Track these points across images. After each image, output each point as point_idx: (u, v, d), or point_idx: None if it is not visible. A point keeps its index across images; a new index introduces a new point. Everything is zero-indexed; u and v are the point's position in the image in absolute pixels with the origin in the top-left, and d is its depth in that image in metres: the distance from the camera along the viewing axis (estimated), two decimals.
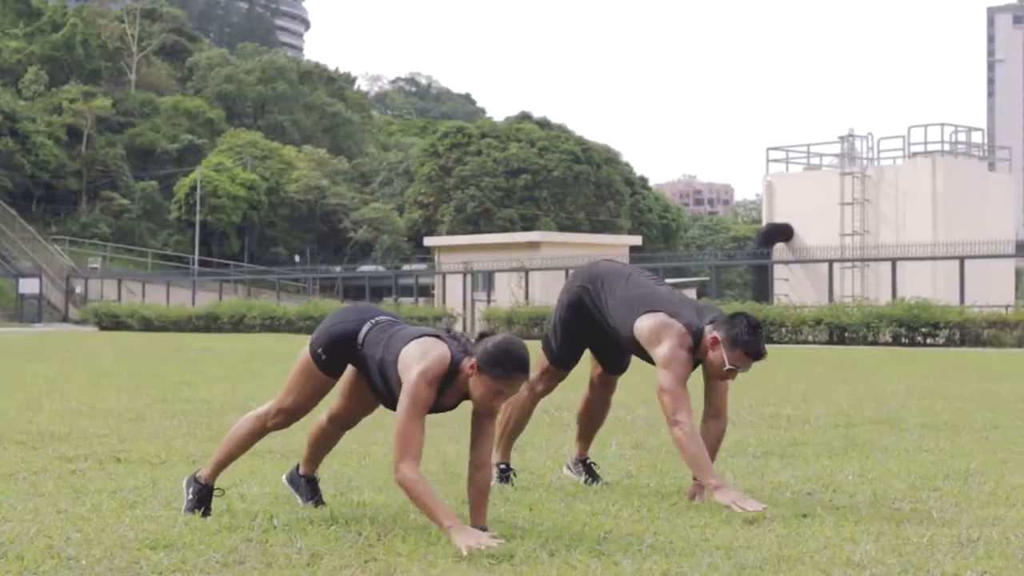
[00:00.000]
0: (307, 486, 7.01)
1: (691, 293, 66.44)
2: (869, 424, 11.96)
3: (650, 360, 7.44)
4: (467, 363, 5.94)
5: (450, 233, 79.77)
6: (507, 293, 56.50)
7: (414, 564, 5.48)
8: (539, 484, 7.92)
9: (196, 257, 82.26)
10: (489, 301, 57.16)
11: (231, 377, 19.19)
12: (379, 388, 6.31)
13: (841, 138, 58.55)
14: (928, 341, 43.04)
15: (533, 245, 60.60)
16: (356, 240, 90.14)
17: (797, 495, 7.59)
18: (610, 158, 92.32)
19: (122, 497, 7.21)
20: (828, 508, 7.07)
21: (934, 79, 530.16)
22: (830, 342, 43.72)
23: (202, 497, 6.68)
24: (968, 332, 42.22)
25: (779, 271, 56.55)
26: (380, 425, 9.29)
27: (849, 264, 54.14)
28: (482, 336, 6.04)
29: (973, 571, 5.36)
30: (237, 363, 24.13)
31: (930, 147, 56.84)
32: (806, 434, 11.11)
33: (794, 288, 56.28)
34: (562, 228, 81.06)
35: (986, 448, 10.09)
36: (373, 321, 6.35)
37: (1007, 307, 46.51)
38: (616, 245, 64.14)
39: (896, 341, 43.19)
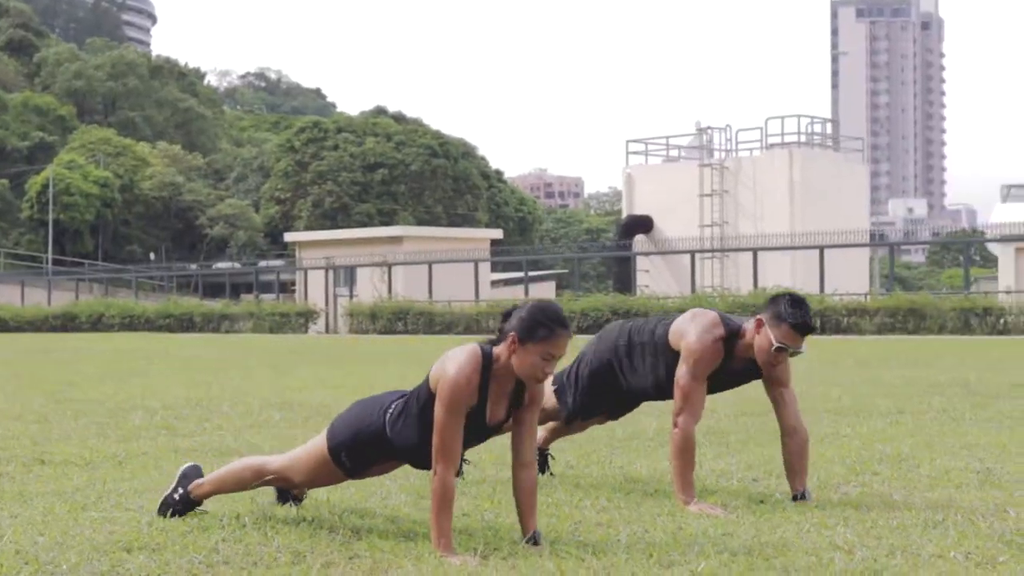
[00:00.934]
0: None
1: (550, 286, 66.76)
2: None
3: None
4: (506, 345, 5.68)
5: (308, 228, 79.19)
6: (370, 288, 56.28)
7: (403, 560, 5.42)
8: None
9: (50, 256, 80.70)
10: (352, 296, 56.87)
11: (112, 377, 18.87)
12: (424, 440, 5.84)
13: (699, 130, 59.24)
14: None
15: (395, 240, 60.41)
16: (212, 237, 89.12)
17: (743, 482, 7.65)
18: (467, 152, 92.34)
19: (70, 499, 7.04)
20: (781, 494, 7.14)
21: (784, 71, 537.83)
22: None
23: (185, 508, 6.43)
24: (829, 320, 42.96)
25: (640, 263, 57.04)
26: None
27: (709, 255, 54.78)
28: (506, 315, 5.81)
29: (957, 552, 5.44)
30: (112, 363, 23.75)
31: (787, 138, 57.71)
32: (720, 423, 11.20)
33: (655, 279, 56.82)
34: (420, 222, 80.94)
35: (903, 432, 10.26)
36: (393, 402, 5.99)
37: (865, 295, 47.42)
38: (478, 239, 64.17)
39: None
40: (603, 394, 7.45)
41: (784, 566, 5.19)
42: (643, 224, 59.12)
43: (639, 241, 58.73)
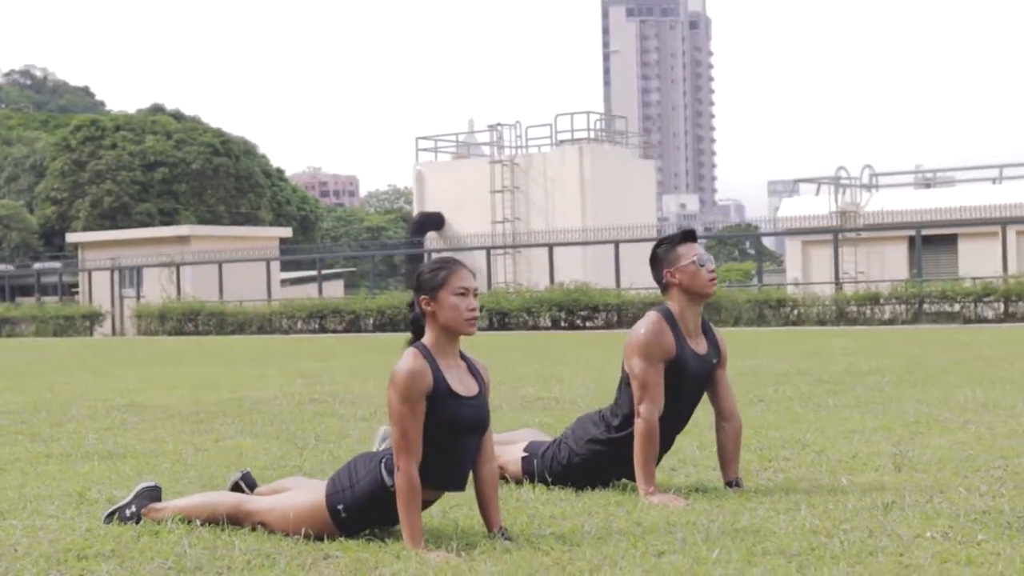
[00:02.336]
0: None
1: (339, 285, 66.30)
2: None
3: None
4: (427, 320, 5.65)
5: (87, 229, 77.22)
6: (158, 289, 55.18)
7: (385, 557, 5.24)
8: None
9: None
10: (139, 297, 55.71)
11: None
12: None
13: (490, 127, 59.45)
14: (587, 324, 44.17)
15: (183, 239, 59.32)
16: None
17: (662, 471, 7.61)
18: (248, 150, 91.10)
19: None
20: (712, 482, 7.13)
21: (558, 70, 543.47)
22: (491, 328, 44.35)
23: (136, 519, 6.09)
24: (626, 314, 43.52)
25: (427, 259, 56.99)
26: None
27: (501, 251, 55.01)
28: (411, 305, 5.79)
29: (933, 532, 5.46)
30: None
31: (577, 135, 58.26)
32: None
33: None
34: (203, 221, 79.64)
35: (784, 420, 10.37)
36: (383, 465, 5.70)
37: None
38: (267, 237, 63.44)
39: (556, 325, 44.20)
40: (588, 476, 7.14)
41: (780, 549, 5.15)
42: (434, 221, 59.13)
43: (431, 238, 58.72)
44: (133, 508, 6.10)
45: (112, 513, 6.12)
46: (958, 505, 6.11)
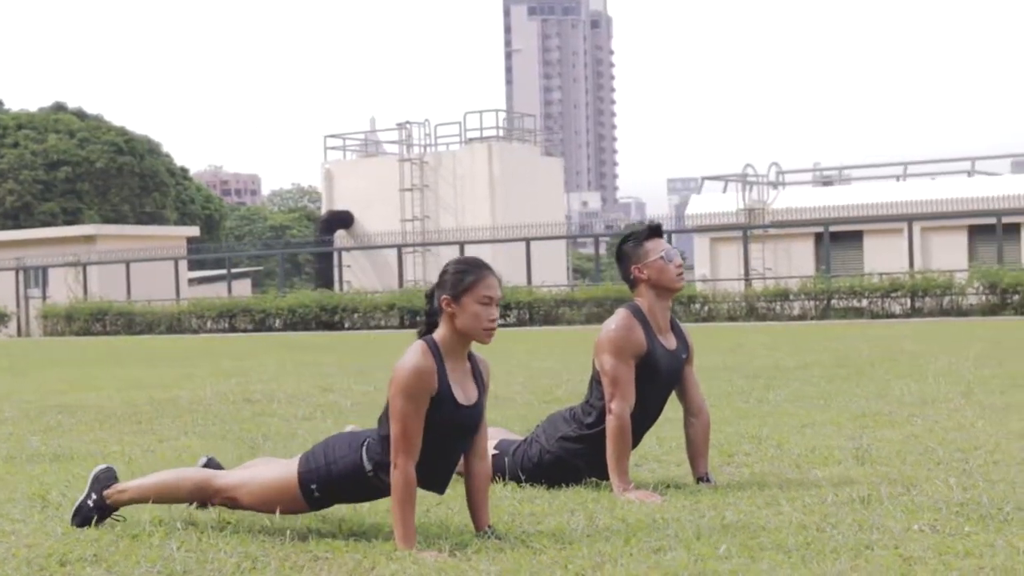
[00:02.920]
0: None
1: (246, 284, 65.80)
2: (577, 398, 12.13)
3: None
4: (443, 318, 5.51)
5: None
6: (64, 289, 54.44)
7: (376, 558, 5.19)
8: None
9: None
10: (45, 298, 54.94)
11: None
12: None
13: (399, 125, 59.26)
14: (500, 322, 44.16)
15: (89, 239, 58.53)
16: None
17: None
18: (152, 148, 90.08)
19: None
20: (678, 478, 7.14)
21: (461, 68, 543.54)
22: (402, 327, 44.26)
23: (100, 516, 5.95)
24: (538, 311, 43.62)
25: (343, 258, 56.77)
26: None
27: (411, 249, 54.87)
28: (429, 296, 5.63)
29: (920, 524, 5.50)
30: None
31: (485, 133, 58.25)
32: (534, 411, 11.19)
33: (356, 275, 56.67)
34: (107, 221, 78.64)
35: (736, 415, 10.41)
36: (369, 439, 5.66)
37: (573, 286, 48.30)
38: (174, 236, 62.80)
39: None
40: (560, 473, 7.09)
41: (776, 544, 5.15)
42: (344, 219, 58.87)
43: (340, 236, 58.47)
44: (93, 497, 5.96)
45: (77, 510, 5.99)
46: (935, 498, 6.16)
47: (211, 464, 6.32)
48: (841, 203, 48.91)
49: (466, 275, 5.52)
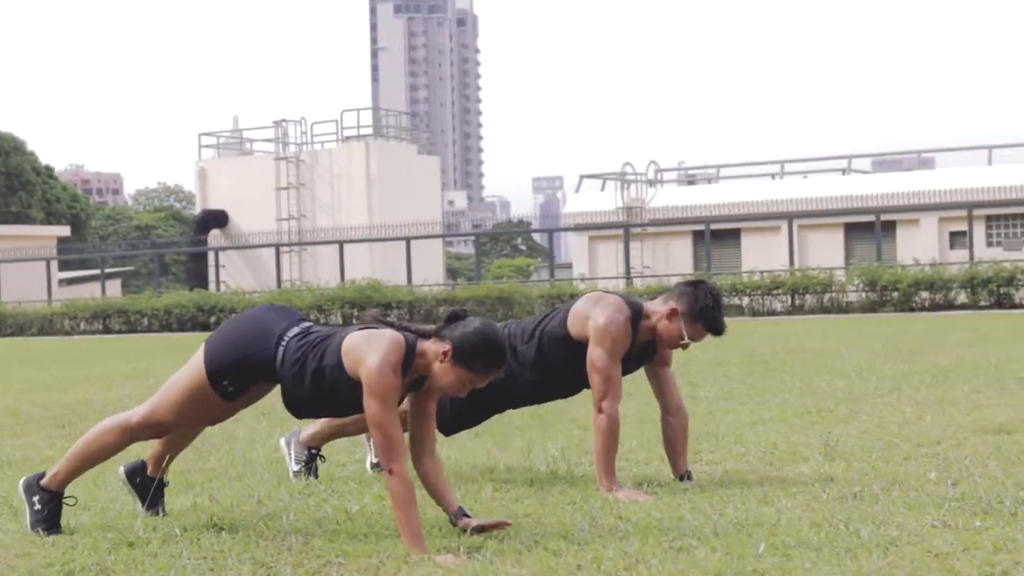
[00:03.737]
0: (155, 489, 6.24)
1: (116, 284, 64.79)
2: None
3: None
4: (437, 348, 5.40)
5: None
6: None
7: (392, 562, 5.06)
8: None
9: None
10: None
11: None
12: (311, 399, 5.63)
13: (275, 123, 58.69)
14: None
15: None
16: None
17: (581, 466, 7.54)
18: (17, 147, 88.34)
19: None
20: (658, 478, 7.08)
21: (332, 66, 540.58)
22: None
23: (52, 508, 5.82)
24: (418, 311, 43.47)
25: (215, 257, 56.11)
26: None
27: (287, 249, 54.39)
28: (454, 317, 5.49)
29: (932, 520, 5.48)
30: None
31: (362, 131, 57.92)
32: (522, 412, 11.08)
33: (231, 275, 56.06)
34: None
35: None
36: (284, 343, 5.63)
37: (453, 285, 48.24)
38: (44, 236, 61.72)
39: (347, 322, 43.90)
40: (483, 405, 7.05)
41: (800, 542, 5.10)
42: (218, 218, 58.18)
43: (215, 235, 57.81)
44: (36, 501, 5.84)
45: (33, 522, 5.84)
46: (929, 493, 6.17)
47: (134, 470, 6.26)
48: (719, 201, 49.40)
49: (478, 360, 5.41)
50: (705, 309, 6.68)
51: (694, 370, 14.98)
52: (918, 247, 44.58)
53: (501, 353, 5.46)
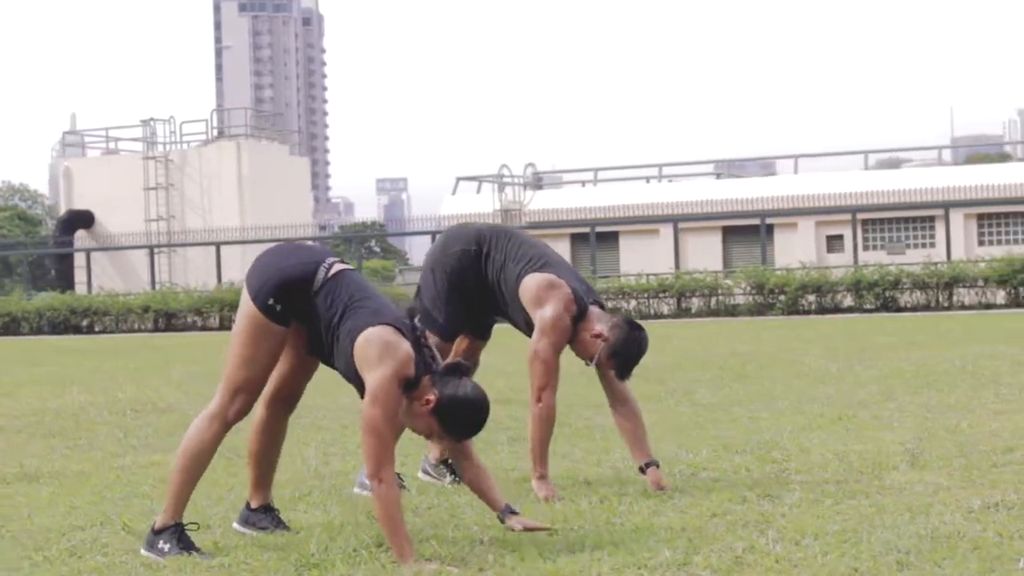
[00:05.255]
0: (267, 518, 6.07)
1: None
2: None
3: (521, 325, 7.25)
4: (426, 392, 5.44)
5: None
6: None
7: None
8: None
9: None
10: None
11: None
12: (323, 346, 5.68)
13: (143, 122, 57.71)
14: None
15: None
16: None
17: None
18: None
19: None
20: (636, 485, 7.11)
21: (176, 65, 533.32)
22: (156, 330, 43.09)
23: (180, 537, 5.60)
24: None
25: (81, 259, 55.04)
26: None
27: (159, 250, 53.52)
28: (456, 370, 5.52)
29: (988, 532, 5.56)
30: None
31: (234, 131, 57.23)
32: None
33: (98, 276, 55.00)
34: None
35: (702, 420, 10.36)
36: (326, 265, 5.68)
37: None
38: None
39: (225, 326, 43.29)
40: (465, 296, 7.30)
41: (899, 548, 5.13)
42: (84, 219, 57.06)
43: (80, 236, 56.70)
44: (163, 544, 5.64)
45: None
46: (968, 499, 6.28)
47: (245, 518, 6.17)
48: (597, 204, 49.67)
49: (457, 427, 5.49)
50: (626, 354, 6.99)
51: (655, 374, 14.86)
52: (797, 250, 45.30)
53: (478, 427, 5.54)
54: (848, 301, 38.22)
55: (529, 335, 7.12)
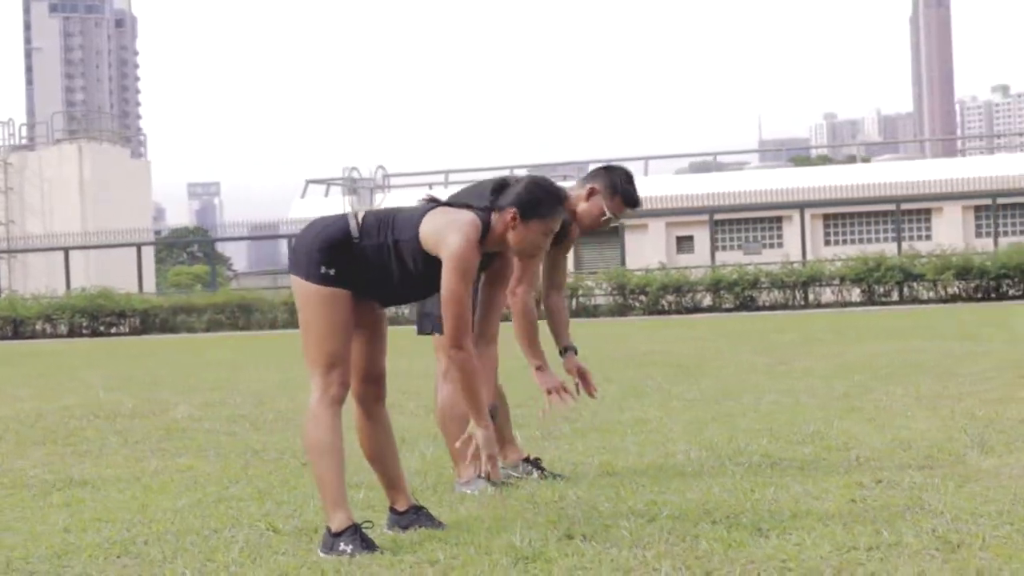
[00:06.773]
0: (420, 518, 5.96)
1: None
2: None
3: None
4: (505, 216, 5.64)
5: None
6: None
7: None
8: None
9: None
10: None
11: None
12: (392, 287, 5.72)
13: None
14: (112, 331, 42.71)
15: None
16: None
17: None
18: None
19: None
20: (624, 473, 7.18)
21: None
22: (5, 338, 42.15)
23: (360, 536, 5.44)
24: (153, 320, 42.49)
25: None
26: None
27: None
28: (501, 187, 5.75)
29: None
30: None
31: (73, 134, 56.09)
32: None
33: None
34: None
35: (729, 412, 10.46)
36: (353, 214, 5.75)
37: (188, 293, 47.16)
38: None
39: (76, 332, 42.52)
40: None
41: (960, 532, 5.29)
42: None
43: None
44: (345, 546, 5.47)
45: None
46: (992, 490, 6.34)
47: (392, 522, 6.04)
48: None
49: (542, 204, 5.69)
50: (620, 182, 7.15)
51: (631, 375, 14.88)
52: (648, 251, 45.86)
53: (558, 193, 5.79)
54: (707, 301, 38.85)
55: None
